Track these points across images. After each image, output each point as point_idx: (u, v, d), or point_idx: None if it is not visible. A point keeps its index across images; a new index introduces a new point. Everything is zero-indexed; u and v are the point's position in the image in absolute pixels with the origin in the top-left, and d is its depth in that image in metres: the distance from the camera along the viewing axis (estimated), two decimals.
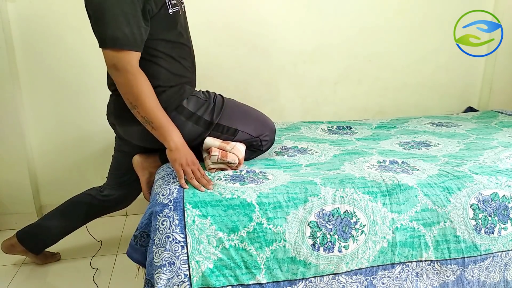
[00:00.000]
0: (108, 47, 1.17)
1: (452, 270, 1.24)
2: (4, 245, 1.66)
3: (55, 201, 1.68)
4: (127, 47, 1.17)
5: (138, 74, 1.19)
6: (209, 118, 1.34)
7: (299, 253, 1.13)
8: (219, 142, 1.35)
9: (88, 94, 1.99)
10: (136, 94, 1.19)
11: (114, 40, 1.15)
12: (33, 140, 2.02)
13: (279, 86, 2.20)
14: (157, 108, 1.22)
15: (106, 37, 1.16)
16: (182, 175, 1.21)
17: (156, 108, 1.22)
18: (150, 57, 1.27)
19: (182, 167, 1.22)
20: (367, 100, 2.34)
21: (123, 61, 1.17)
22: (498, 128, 1.92)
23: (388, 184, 1.22)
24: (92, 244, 1.85)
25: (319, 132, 1.88)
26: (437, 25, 2.28)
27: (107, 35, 1.15)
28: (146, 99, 1.19)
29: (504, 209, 1.25)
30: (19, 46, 1.89)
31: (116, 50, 1.16)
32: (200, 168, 1.25)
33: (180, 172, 1.21)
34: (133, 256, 1.20)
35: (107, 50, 1.17)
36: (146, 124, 1.23)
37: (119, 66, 1.17)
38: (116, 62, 1.17)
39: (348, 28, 2.19)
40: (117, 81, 1.20)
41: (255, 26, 2.08)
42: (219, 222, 1.11)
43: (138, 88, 1.18)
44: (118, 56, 1.17)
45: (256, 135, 1.40)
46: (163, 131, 1.23)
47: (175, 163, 1.22)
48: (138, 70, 1.20)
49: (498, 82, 2.39)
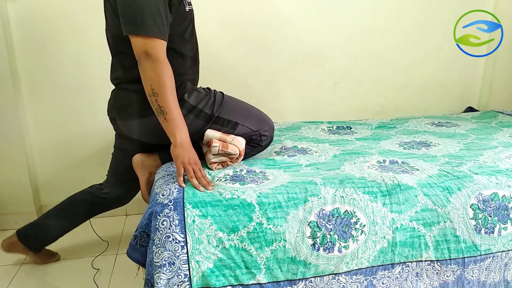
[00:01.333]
0: (141, 35, 1.18)
1: (452, 270, 1.24)
2: (4, 244, 1.66)
3: (55, 201, 1.68)
4: (160, 36, 1.20)
5: (166, 64, 1.22)
6: (209, 111, 1.36)
7: (299, 253, 1.14)
8: (220, 134, 1.36)
9: (88, 94, 1.99)
10: (161, 82, 1.20)
11: (148, 28, 1.18)
12: (33, 140, 2.02)
13: (279, 86, 2.20)
14: (175, 101, 1.23)
15: (140, 24, 1.18)
16: (182, 172, 1.22)
17: (174, 101, 1.23)
18: None
19: (184, 165, 1.22)
20: (367, 100, 2.34)
21: (156, 48, 1.20)
22: (498, 128, 1.92)
23: (388, 184, 1.22)
24: (92, 244, 1.85)
25: (319, 132, 1.88)
26: (437, 25, 2.28)
27: (141, 22, 1.18)
28: (168, 89, 1.21)
29: (504, 209, 1.25)
30: (19, 46, 1.89)
31: (149, 37, 1.19)
32: (201, 169, 1.25)
33: (180, 170, 1.21)
34: (133, 256, 1.20)
35: (139, 37, 1.19)
36: (159, 114, 1.23)
37: (151, 53, 1.19)
38: (148, 50, 1.19)
39: (348, 28, 2.19)
40: (144, 68, 1.20)
41: (255, 26, 2.08)
42: (219, 222, 1.11)
43: (165, 77, 1.20)
44: (152, 43, 1.19)
45: (256, 129, 1.41)
46: (174, 125, 1.22)
47: (177, 160, 1.22)
48: (167, 60, 1.23)
49: (498, 82, 2.39)
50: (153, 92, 1.21)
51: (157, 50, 1.20)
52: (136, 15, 1.18)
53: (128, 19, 1.20)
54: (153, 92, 1.21)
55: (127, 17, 1.20)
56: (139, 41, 1.19)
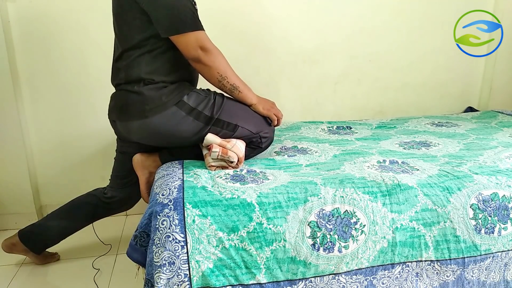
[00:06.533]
0: (192, 30, 1.26)
1: (452, 270, 1.24)
2: (5, 244, 1.66)
3: (55, 201, 1.68)
4: (203, 28, 1.31)
5: (219, 50, 1.34)
6: (209, 113, 1.35)
7: (299, 253, 1.13)
8: (220, 140, 1.35)
9: (88, 94, 1.99)
10: (224, 65, 1.34)
11: (195, 24, 1.28)
12: (33, 140, 2.02)
13: (279, 86, 2.20)
14: (236, 74, 1.39)
15: (187, 21, 1.26)
16: (274, 118, 1.47)
17: (236, 75, 1.39)
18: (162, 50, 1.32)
19: (269, 112, 1.45)
20: (367, 100, 2.34)
21: (207, 40, 1.30)
22: (498, 128, 1.92)
23: (388, 184, 1.22)
24: (93, 244, 1.85)
25: (319, 132, 1.88)
26: (437, 25, 2.27)
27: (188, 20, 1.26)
28: (230, 68, 1.36)
29: (504, 209, 1.25)
30: (19, 46, 1.89)
31: (197, 32, 1.28)
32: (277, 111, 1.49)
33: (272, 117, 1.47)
34: (133, 256, 1.20)
35: (190, 33, 1.26)
36: (233, 91, 1.38)
37: (206, 46, 1.29)
38: (203, 43, 1.28)
39: (348, 28, 2.19)
40: (205, 61, 1.30)
41: (255, 26, 2.08)
42: (219, 222, 1.11)
43: (224, 61, 1.35)
44: (203, 37, 1.29)
45: (256, 132, 1.41)
46: (246, 93, 1.41)
47: (264, 111, 1.44)
48: (216, 46, 1.33)
49: (498, 82, 2.39)
50: (221, 77, 1.34)
51: (208, 41, 1.30)
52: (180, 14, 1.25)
53: (172, 19, 1.25)
54: (222, 77, 1.34)
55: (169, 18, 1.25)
56: (191, 37, 1.26)
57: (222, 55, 1.34)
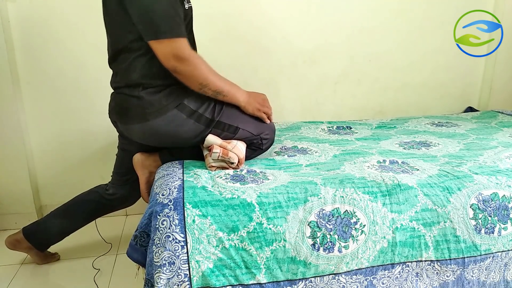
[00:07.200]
0: (167, 37, 1.18)
1: (452, 270, 1.24)
2: (8, 241, 1.66)
3: (55, 201, 1.68)
4: (182, 35, 1.21)
5: (197, 57, 1.25)
6: (210, 116, 1.35)
7: (299, 253, 1.14)
8: (221, 141, 1.35)
9: (88, 94, 1.99)
10: (204, 74, 1.25)
11: (171, 30, 1.18)
12: (33, 140, 2.02)
13: (279, 86, 2.20)
14: (219, 77, 1.31)
15: (161, 28, 1.17)
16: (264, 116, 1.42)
17: (220, 78, 1.31)
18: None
19: (259, 112, 1.40)
20: (367, 100, 2.34)
21: (183, 49, 1.20)
22: (498, 128, 1.92)
23: (388, 184, 1.22)
24: (93, 244, 1.85)
25: (319, 132, 1.88)
26: (437, 25, 2.27)
27: (162, 26, 1.17)
28: (211, 75, 1.27)
29: (504, 209, 1.25)
30: (19, 46, 1.89)
31: (173, 40, 1.18)
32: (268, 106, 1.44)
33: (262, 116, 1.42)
34: (133, 256, 1.20)
35: (165, 41, 1.18)
36: (217, 95, 1.32)
37: (182, 55, 1.20)
38: (178, 53, 1.19)
39: (348, 28, 2.19)
40: (181, 70, 1.22)
41: (255, 26, 2.08)
42: (219, 222, 1.11)
43: (203, 68, 1.25)
44: (179, 46, 1.20)
45: (257, 133, 1.41)
46: (232, 95, 1.34)
47: (254, 112, 1.40)
48: (193, 52, 1.25)
49: (498, 82, 2.39)
50: (202, 85, 1.27)
51: (183, 49, 1.20)
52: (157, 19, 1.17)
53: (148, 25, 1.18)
54: (202, 85, 1.27)
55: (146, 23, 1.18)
56: (165, 45, 1.19)
57: (201, 61, 1.25)
